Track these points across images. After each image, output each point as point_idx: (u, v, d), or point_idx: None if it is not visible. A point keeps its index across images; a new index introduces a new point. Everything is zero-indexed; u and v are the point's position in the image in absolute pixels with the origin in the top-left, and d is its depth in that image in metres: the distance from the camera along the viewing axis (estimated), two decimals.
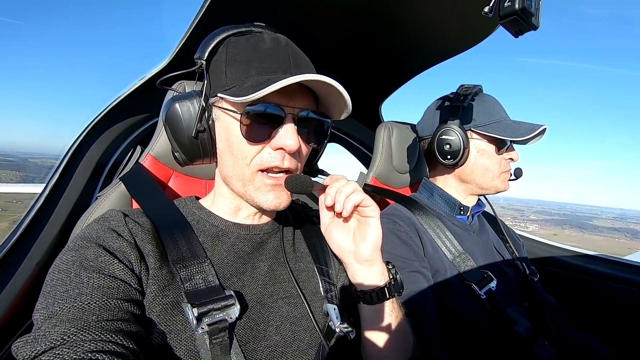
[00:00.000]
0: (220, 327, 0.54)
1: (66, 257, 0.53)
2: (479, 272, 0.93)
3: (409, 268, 0.89)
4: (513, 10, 0.61)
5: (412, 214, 1.02)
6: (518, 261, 1.08)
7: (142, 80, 1.03)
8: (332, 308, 0.69)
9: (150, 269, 0.55)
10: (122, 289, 0.51)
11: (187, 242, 0.61)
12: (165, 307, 0.54)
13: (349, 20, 1.14)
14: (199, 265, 0.59)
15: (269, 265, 0.68)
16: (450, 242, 0.97)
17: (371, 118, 1.81)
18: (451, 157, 0.99)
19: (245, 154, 0.60)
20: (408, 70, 1.47)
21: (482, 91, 1.04)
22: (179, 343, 0.53)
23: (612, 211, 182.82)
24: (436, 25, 1.14)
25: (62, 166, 0.93)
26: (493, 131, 0.97)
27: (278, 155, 0.60)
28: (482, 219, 1.17)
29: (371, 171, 1.24)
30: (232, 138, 0.60)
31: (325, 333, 0.67)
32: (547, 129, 0.95)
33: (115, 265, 0.52)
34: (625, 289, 1.33)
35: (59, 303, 0.47)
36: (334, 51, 1.34)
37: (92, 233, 0.56)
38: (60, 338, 0.43)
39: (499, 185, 1.01)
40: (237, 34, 0.64)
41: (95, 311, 0.47)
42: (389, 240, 0.95)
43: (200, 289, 0.56)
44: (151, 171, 0.84)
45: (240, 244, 0.67)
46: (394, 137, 1.26)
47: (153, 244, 0.58)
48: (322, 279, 0.74)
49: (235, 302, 0.56)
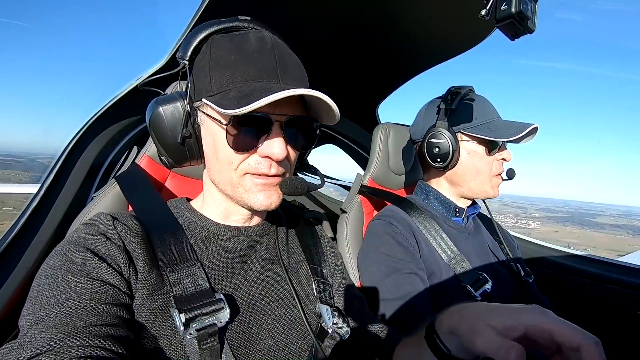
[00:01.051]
0: (210, 332, 0.53)
1: (53, 261, 0.52)
2: (474, 274, 0.94)
3: (405, 269, 0.90)
4: (509, 14, 0.62)
5: (408, 216, 1.02)
6: (513, 262, 1.09)
7: (138, 81, 1.03)
8: (325, 309, 0.69)
9: (139, 273, 0.55)
10: (110, 293, 0.50)
11: (178, 245, 0.60)
12: (154, 311, 0.53)
13: (346, 22, 1.15)
14: (189, 269, 0.58)
15: (261, 267, 0.68)
16: (445, 243, 0.97)
17: (368, 119, 1.81)
18: (441, 160, 0.99)
19: (231, 160, 0.59)
20: (405, 72, 1.48)
21: (472, 91, 1.04)
22: (169, 348, 0.52)
23: (617, 208, 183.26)
24: (433, 27, 1.15)
25: (58, 166, 0.92)
26: (482, 132, 0.97)
27: (265, 162, 0.59)
28: (477, 221, 1.18)
29: (368, 172, 1.24)
30: (218, 145, 0.59)
31: (318, 334, 0.67)
32: (539, 128, 0.94)
33: (104, 269, 0.51)
34: (619, 290, 1.34)
35: (45, 308, 0.46)
36: (331, 53, 1.35)
37: (80, 237, 0.55)
38: (46, 344, 0.42)
39: (489, 191, 1.01)
40: (221, 30, 0.62)
41: (83, 316, 0.46)
42: (385, 242, 0.95)
43: (189, 293, 0.56)
44: (147, 171, 0.84)
45: (232, 246, 0.66)
46: (391, 138, 1.26)
47: (142, 247, 0.57)
48: (315, 279, 0.73)
49: (225, 306, 0.55)
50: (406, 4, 1.05)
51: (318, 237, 0.84)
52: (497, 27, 0.66)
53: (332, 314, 0.68)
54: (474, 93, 1.04)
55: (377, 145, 1.24)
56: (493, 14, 0.64)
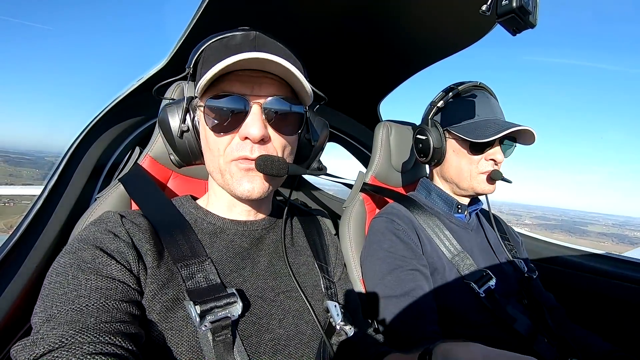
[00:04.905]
0: (223, 325, 0.54)
1: (64, 260, 0.53)
2: (478, 271, 0.93)
3: (408, 266, 0.90)
4: (510, 9, 0.61)
5: (410, 213, 1.02)
6: (517, 259, 1.08)
7: (140, 82, 1.03)
8: (333, 305, 0.70)
9: (149, 268, 0.56)
10: (120, 289, 0.51)
11: (187, 241, 0.61)
12: (165, 304, 0.54)
13: (346, 19, 1.14)
14: (200, 264, 0.59)
15: (268, 260, 0.69)
16: (448, 240, 0.97)
17: (370, 117, 1.81)
18: (424, 156, 1.05)
19: (217, 146, 0.61)
20: (406, 69, 1.47)
21: (479, 87, 1.03)
22: (181, 339, 0.53)
23: (615, 218, 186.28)
24: (434, 23, 1.14)
25: (61, 167, 0.93)
26: (463, 132, 0.97)
27: (247, 145, 0.59)
28: (481, 217, 1.18)
29: (370, 170, 1.24)
30: (206, 133, 0.62)
31: (327, 330, 0.68)
32: (532, 130, 0.92)
33: (113, 267, 0.52)
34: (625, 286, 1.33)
35: (57, 306, 0.47)
36: (331, 50, 1.34)
37: (89, 235, 0.56)
38: (58, 341, 0.43)
39: (476, 187, 1.00)
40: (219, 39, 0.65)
41: (93, 313, 0.47)
42: (388, 239, 0.95)
43: (202, 287, 0.56)
44: (150, 172, 0.85)
45: (239, 240, 0.67)
46: (393, 136, 1.26)
47: (151, 243, 0.58)
48: (322, 276, 0.74)
49: (237, 300, 0.56)
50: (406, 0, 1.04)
51: (322, 232, 0.86)
52: (498, 22, 0.65)
53: (340, 310, 0.69)
54: (480, 89, 1.03)
55: (379, 143, 1.24)
56: (494, 9, 0.63)
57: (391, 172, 1.28)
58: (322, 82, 0.92)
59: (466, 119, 0.99)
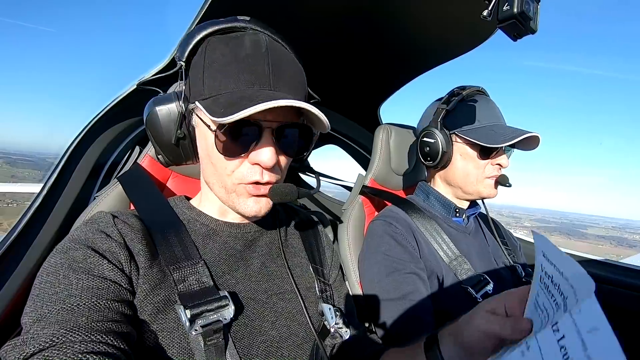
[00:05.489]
0: (215, 329, 0.53)
1: (55, 259, 0.52)
2: (476, 276, 0.93)
3: (405, 269, 0.89)
4: (512, 14, 0.62)
5: (408, 216, 1.02)
6: (514, 263, 1.08)
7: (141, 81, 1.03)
8: (328, 308, 0.69)
9: (141, 268, 0.55)
10: (112, 289, 0.51)
11: (181, 243, 0.61)
12: (157, 305, 0.54)
13: (348, 22, 1.15)
14: (192, 267, 0.58)
15: (261, 262, 0.68)
16: (446, 244, 0.97)
17: (370, 120, 1.81)
18: (430, 159, 1.02)
19: (225, 166, 0.60)
20: (407, 73, 1.48)
21: (481, 92, 1.04)
22: (172, 341, 0.53)
23: (616, 221, 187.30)
24: (435, 27, 1.15)
25: (61, 166, 0.93)
26: (474, 136, 0.97)
27: (257, 169, 0.59)
28: (479, 221, 1.18)
29: (369, 173, 1.24)
30: (210, 149, 0.60)
31: (320, 332, 0.67)
32: (539, 137, 0.93)
33: (105, 266, 0.52)
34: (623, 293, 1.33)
35: (47, 305, 0.47)
36: (332, 53, 1.35)
37: (80, 235, 0.56)
38: (49, 340, 0.43)
39: (482, 191, 1.01)
40: (218, 31, 0.62)
41: (84, 312, 0.47)
42: (385, 242, 0.95)
43: (194, 291, 0.56)
44: (149, 171, 0.84)
45: (232, 242, 0.67)
46: (393, 139, 1.26)
47: (143, 243, 0.58)
48: (317, 279, 0.74)
49: (229, 303, 0.56)
50: (408, 4, 1.05)
51: (318, 234, 0.85)
52: (499, 27, 0.66)
53: (335, 313, 0.69)
54: (482, 95, 1.04)
55: (378, 146, 1.24)
56: (495, 15, 0.64)
57: (390, 175, 1.28)
58: (322, 84, 0.92)
59: (474, 124, 0.99)
